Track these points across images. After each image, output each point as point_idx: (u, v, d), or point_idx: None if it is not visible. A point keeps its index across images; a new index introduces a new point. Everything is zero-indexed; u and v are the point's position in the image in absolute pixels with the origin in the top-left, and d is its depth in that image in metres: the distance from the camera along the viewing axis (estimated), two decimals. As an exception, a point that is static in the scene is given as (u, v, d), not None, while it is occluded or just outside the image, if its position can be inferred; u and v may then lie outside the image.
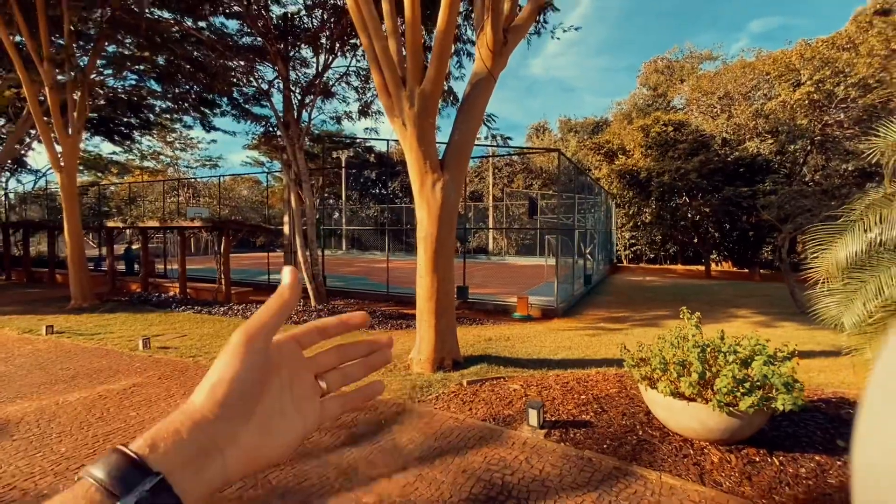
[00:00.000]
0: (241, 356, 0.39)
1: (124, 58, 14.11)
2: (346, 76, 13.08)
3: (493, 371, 5.72)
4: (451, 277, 6.02)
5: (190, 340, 7.61)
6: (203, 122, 17.78)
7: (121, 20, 11.13)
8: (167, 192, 29.11)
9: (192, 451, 0.35)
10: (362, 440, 3.90)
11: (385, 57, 5.33)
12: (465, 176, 6.35)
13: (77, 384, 5.42)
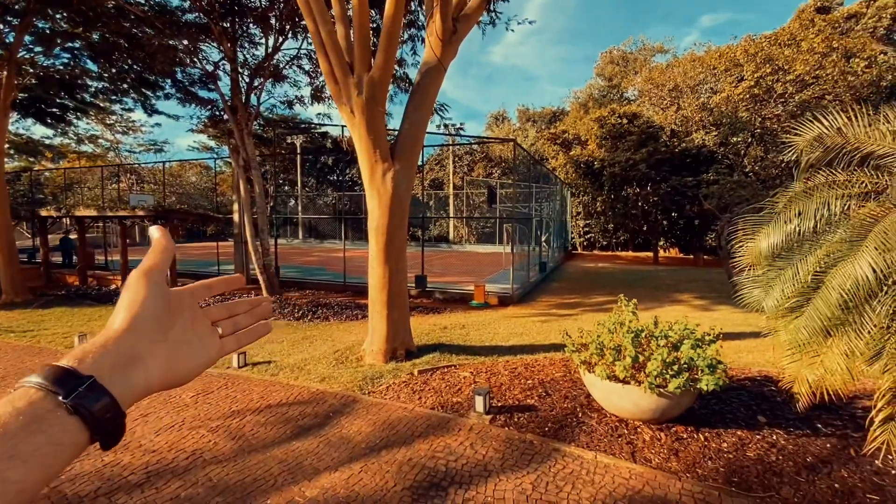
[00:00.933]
0: (144, 286, 0.48)
1: (55, 34, 12.94)
2: (297, 59, 12.62)
3: (445, 359, 5.81)
4: (404, 268, 6.02)
5: (131, 337, 7.25)
6: (144, 104, 16.66)
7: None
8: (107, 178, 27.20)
9: (117, 359, 0.42)
10: (309, 433, 3.88)
11: (331, 42, 5.18)
12: (416, 165, 6.33)
13: (4, 385, 5.05)
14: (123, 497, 3.02)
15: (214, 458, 3.49)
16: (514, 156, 13.43)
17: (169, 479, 3.21)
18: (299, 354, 6.16)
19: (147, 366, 0.44)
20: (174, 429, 3.97)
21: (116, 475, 3.26)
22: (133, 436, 3.84)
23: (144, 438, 3.79)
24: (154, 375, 0.45)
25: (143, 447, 3.65)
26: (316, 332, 7.71)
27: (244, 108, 10.95)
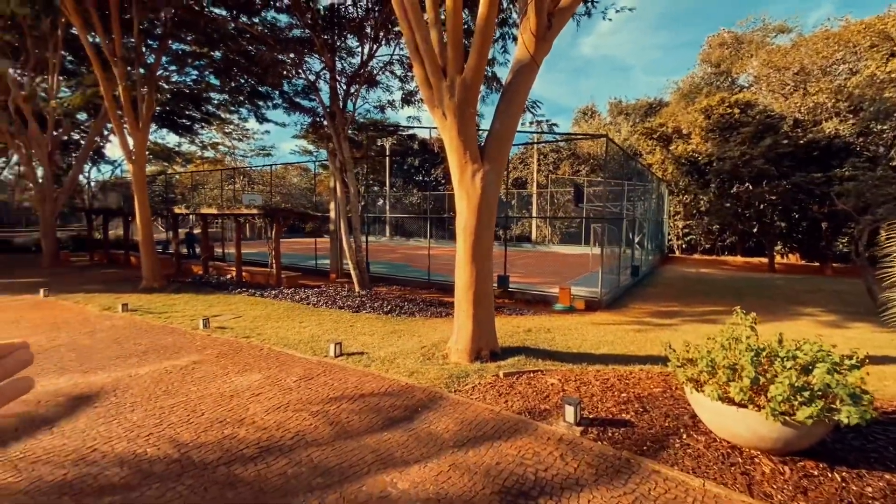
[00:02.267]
0: None
1: (186, 54, 14.96)
2: (389, 65, 13.17)
3: (530, 363, 5.68)
4: (490, 268, 5.99)
5: (244, 321, 8.11)
6: (256, 113, 18.58)
7: (182, 19, 11.77)
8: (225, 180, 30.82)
9: None
10: (399, 426, 4.02)
11: (426, 47, 5.31)
12: (505, 166, 6.26)
13: (147, 359, 5.95)
14: (240, 468, 3.37)
15: (315, 441, 3.76)
16: (606, 152, 12.73)
17: (277, 456, 3.52)
18: (389, 348, 6.43)
19: None
20: (281, 409, 4.35)
21: (234, 447, 3.66)
22: (247, 412, 4.29)
23: (257, 416, 4.20)
24: None
25: (256, 424, 4.05)
26: (403, 326, 7.99)
27: (341, 114, 11.70)
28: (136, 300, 9.98)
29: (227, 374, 5.34)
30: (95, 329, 7.55)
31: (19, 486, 3.11)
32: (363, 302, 9.98)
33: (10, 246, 22.59)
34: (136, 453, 3.56)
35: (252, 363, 5.77)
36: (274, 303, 10.12)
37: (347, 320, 8.45)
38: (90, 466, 3.36)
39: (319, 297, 10.53)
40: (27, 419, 4.16)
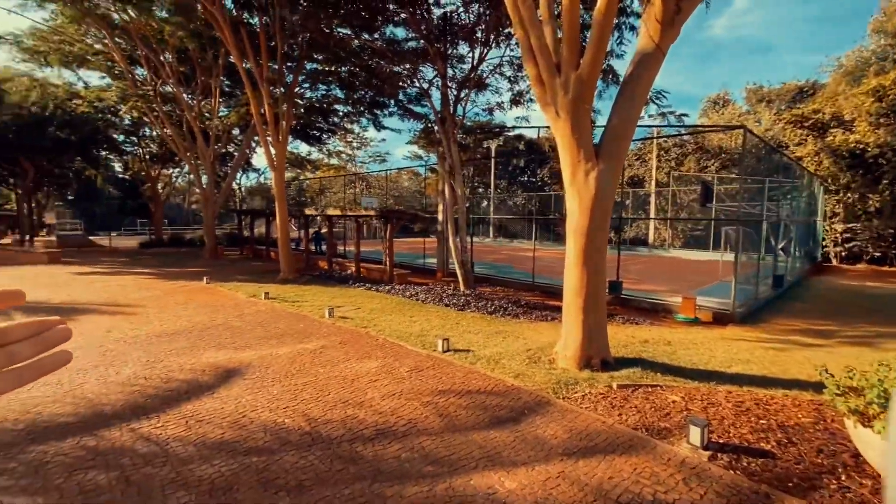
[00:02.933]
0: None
1: (317, 73, 16.78)
2: (499, 67, 13.24)
3: (647, 377, 5.26)
4: (603, 272, 5.69)
5: (362, 313, 8.84)
6: (375, 122, 20.07)
7: (315, 41, 13.23)
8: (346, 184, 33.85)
9: None
10: (505, 426, 4.03)
11: (539, 45, 5.24)
12: (622, 164, 5.90)
13: (284, 341, 6.82)
14: (360, 447, 3.69)
15: (426, 430, 3.95)
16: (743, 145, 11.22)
17: (392, 440, 3.78)
18: (494, 348, 6.48)
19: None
20: (395, 397, 4.66)
21: (355, 427, 4.01)
22: (366, 396, 4.67)
23: (374, 401, 4.56)
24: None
25: (374, 408, 4.40)
26: (507, 328, 7.98)
27: (451, 119, 12.09)
28: (274, 289, 11.48)
29: (349, 360, 5.88)
30: (244, 313, 8.86)
31: (190, 439, 3.80)
32: (468, 301, 10.19)
33: (182, 241, 27.59)
34: (276, 422, 4.11)
35: (370, 351, 6.26)
36: (387, 297, 10.85)
37: (453, 318, 8.71)
38: (241, 430, 3.97)
39: (427, 294, 11.01)
40: (194, 384, 5.05)
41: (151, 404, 4.47)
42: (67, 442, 3.68)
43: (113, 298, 10.14)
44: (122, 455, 3.49)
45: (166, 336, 6.99)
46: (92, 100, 21.30)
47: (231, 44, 12.53)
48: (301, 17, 12.39)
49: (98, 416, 4.17)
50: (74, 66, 19.82)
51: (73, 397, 4.58)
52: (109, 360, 5.75)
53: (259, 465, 3.38)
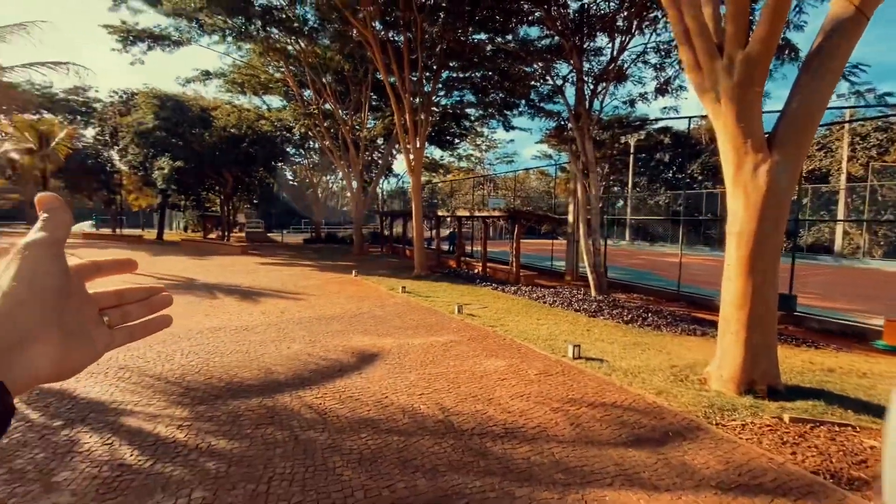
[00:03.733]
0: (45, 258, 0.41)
1: (453, 80, 17.59)
2: (642, 55, 12.21)
3: (833, 413, 4.31)
4: (774, 284, 4.83)
5: (489, 312, 8.99)
6: (504, 123, 20.25)
7: (452, 50, 13.87)
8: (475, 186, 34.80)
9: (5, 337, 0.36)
10: (645, 446, 3.70)
11: (697, 26, 4.67)
12: (804, 156, 4.94)
13: (418, 332, 7.31)
14: (489, 442, 3.75)
15: (556, 437, 3.85)
16: None
17: (521, 441, 3.77)
18: (631, 360, 5.99)
19: (35, 352, 0.38)
20: (523, 398, 4.64)
21: (484, 422, 4.10)
22: (495, 394, 4.74)
23: (502, 400, 4.60)
24: (43, 364, 0.38)
25: (502, 406, 4.44)
26: (647, 339, 7.31)
27: (587, 115, 11.53)
28: (409, 284, 12.37)
29: (478, 356, 6.04)
30: (384, 304, 9.73)
31: (342, 412, 4.30)
32: (600, 307, 9.60)
33: (335, 238, 31.49)
34: (413, 407, 4.42)
35: (497, 350, 6.34)
36: (513, 298, 10.84)
37: (583, 324, 8.30)
38: (383, 409, 4.36)
39: (555, 297, 10.69)
40: (345, 363, 5.72)
41: (312, 377, 5.21)
42: (253, 401, 4.50)
43: (284, 285, 12.07)
44: (292, 417, 4.14)
45: (324, 320, 8.06)
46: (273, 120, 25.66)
47: (379, 61, 13.87)
48: (440, 28, 13.12)
49: (273, 383, 5.02)
50: (261, 92, 24.12)
51: (256, 365, 5.58)
52: (282, 337, 6.86)
53: (399, 444, 3.68)
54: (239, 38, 17.48)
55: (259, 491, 3.02)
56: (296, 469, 3.28)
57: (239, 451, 3.52)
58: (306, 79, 20.79)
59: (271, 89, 23.49)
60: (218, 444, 3.62)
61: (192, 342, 6.49)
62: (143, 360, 5.62)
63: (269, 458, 3.43)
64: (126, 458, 3.39)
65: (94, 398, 4.47)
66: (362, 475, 3.23)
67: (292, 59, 20.01)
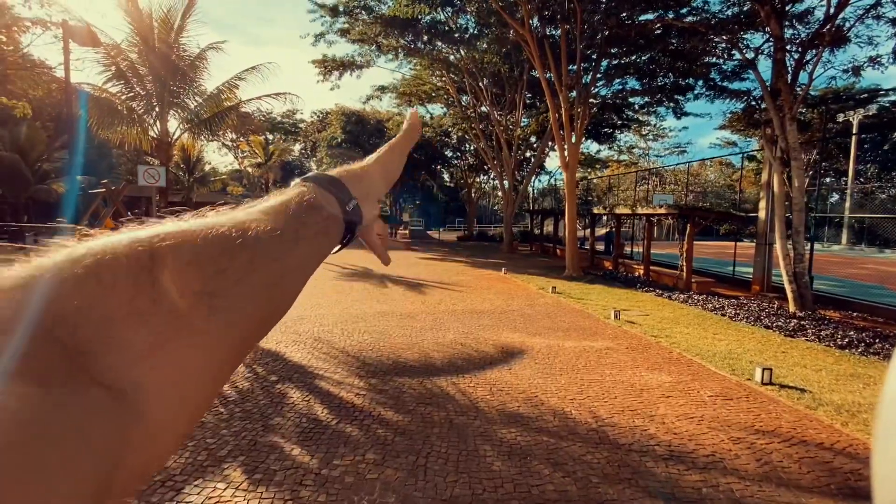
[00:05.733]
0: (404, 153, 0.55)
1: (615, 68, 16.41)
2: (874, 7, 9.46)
3: None
4: None
5: (652, 320, 8.16)
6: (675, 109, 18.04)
7: (615, 35, 12.94)
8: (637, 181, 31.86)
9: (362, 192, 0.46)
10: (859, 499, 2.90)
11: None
12: None
13: (569, 335, 7.07)
14: (650, 462, 3.42)
15: (735, 471, 3.30)
16: None
17: (689, 468, 3.34)
18: (847, 394, 4.75)
19: (365, 211, 0.46)
20: (693, 421, 4.09)
21: (643, 440, 3.75)
22: (657, 411, 4.30)
23: (667, 419, 4.14)
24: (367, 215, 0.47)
25: (666, 426, 4.00)
26: (871, 371, 5.69)
27: (789, 90, 9.48)
28: (560, 285, 12.03)
29: (637, 368, 5.55)
30: (534, 303, 9.67)
31: (493, 403, 4.43)
32: (802, 325, 7.83)
33: (486, 236, 32.49)
34: (563, 410, 4.31)
35: (660, 364, 5.72)
36: (682, 307, 9.62)
37: (776, 344, 6.89)
38: (532, 408, 4.35)
39: (737, 309, 9.11)
40: (495, 357, 5.86)
41: (465, 366, 5.50)
42: (415, 380, 4.97)
43: (440, 278, 12.98)
44: (447, 401, 4.44)
45: (475, 313, 8.42)
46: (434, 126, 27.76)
47: (535, 58, 13.77)
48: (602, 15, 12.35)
49: (431, 367, 5.45)
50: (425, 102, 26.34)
51: (417, 349, 6.14)
52: (438, 326, 7.41)
53: (549, 444, 3.63)
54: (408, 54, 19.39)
55: (419, 464, 3.33)
56: (450, 451, 3.52)
57: (403, 424, 3.94)
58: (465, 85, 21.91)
59: (434, 98, 25.44)
60: (386, 415, 4.12)
61: (367, 323, 7.49)
62: (331, 335, 6.71)
63: (427, 435, 3.76)
64: (318, 414, 4.11)
65: (297, 362, 5.53)
66: (512, 469, 3.29)
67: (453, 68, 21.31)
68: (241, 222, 0.32)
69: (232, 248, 0.30)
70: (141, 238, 0.27)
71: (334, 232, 0.42)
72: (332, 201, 0.42)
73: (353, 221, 0.44)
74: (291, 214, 0.37)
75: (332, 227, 0.41)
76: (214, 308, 0.27)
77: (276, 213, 0.36)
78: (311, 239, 0.38)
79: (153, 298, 0.25)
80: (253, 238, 0.32)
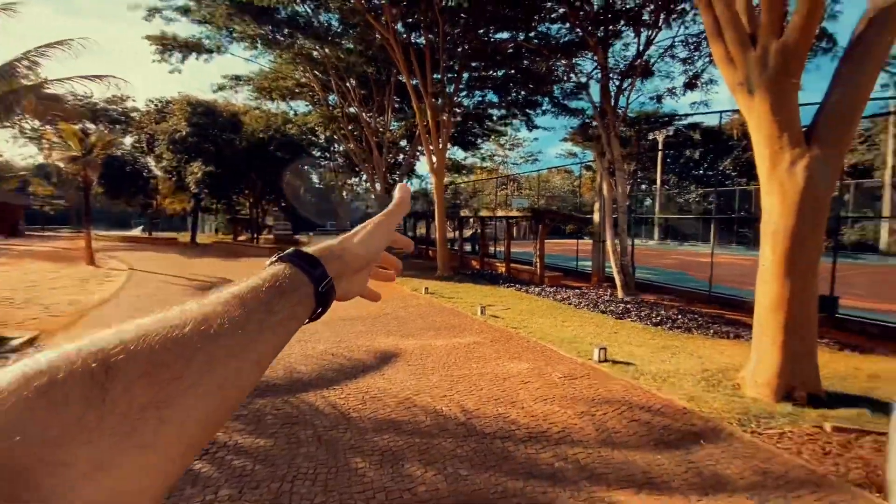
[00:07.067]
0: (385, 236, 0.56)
1: (475, 80, 17.54)
2: (669, 49, 11.86)
3: (879, 423, 4.05)
4: (814, 286, 4.59)
5: (512, 313, 8.90)
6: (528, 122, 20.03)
7: (474, 49, 13.83)
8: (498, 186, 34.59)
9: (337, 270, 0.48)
10: (674, 452, 3.57)
11: (729, 15, 4.48)
12: (846, 150, 4.68)
13: (440, 334, 7.30)
14: (511, 446, 3.70)
15: (581, 441, 3.76)
16: None
17: (545, 445, 3.70)
18: (660, 364, 5.81)
19: (339, 285, 0.49)
20: (547, 401, 4.56)
21: (507, 426, 4.04)
22: (518, 397, 4.68)
23: (525, 403, 4.53)
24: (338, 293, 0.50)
25: (525, 410, 4.37)
26: (677, 342, 7.07)
27: (612, 111, 11.28)
28: (433, 285, 12.38)
29: (500, 359, 5.98)
30: (408, 305, 9.77)
31: (365, 412, 4.33)
32: (627, 309, 9.36)
33: (360, 239, 31.87)
34: (435, 409, 4.41)
35: (520, 353, 6.26)
36: (537, 299, 10.70)
37: (610, 326, 8.11)
38: (406, 410, 4.36)
39: (580, 298, 10.50)
40: (368, 364, 5.76)
41: (336, 377, 5.27)
42: (279, 399, 4.58)
43: (309, 286, 12.28)
44: (316, 417, 4.19)
45: (349, 320, 8.15)
46: (300, 124, 26.22)
47: (401, 63, 13.96)
48: (461, 29, 13.09)
49: (299, 382, 5.10)
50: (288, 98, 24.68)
51: (283, 365, 5.68)
52: (307, 337, 6.96)
53: (421, 445, 3.67)
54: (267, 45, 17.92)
55: (283, 490, 3.06)
56: (318, 470, 3.31)
57: (264, 450, 3.58)
58: (331, 83, 21.14)
59: (298, 94, 24.01)
60: (244, 442, 3.70)
61: (221, 342, 6.66)
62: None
63: (292, 457, 3.48)
64: (158, 454, 3.50)
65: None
66: (384, 477, 3.23)
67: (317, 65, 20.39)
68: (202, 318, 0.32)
69: (190, 351, 0.30)
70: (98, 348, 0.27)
71: (302, 313, 0.43)
72: (305, 282, 0.43)
73: (326, 300, 0.46)
74: (260, 301, 0.37)
75: (300, 309, 0.42)
76: (164, 420, 0.27)
77: (244, 301, 0.36)
78: (277, 326, 0.38)
79: (101, 415, 0.24)
80: (213, 336, 0.32)
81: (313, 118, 25.55)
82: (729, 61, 4.63)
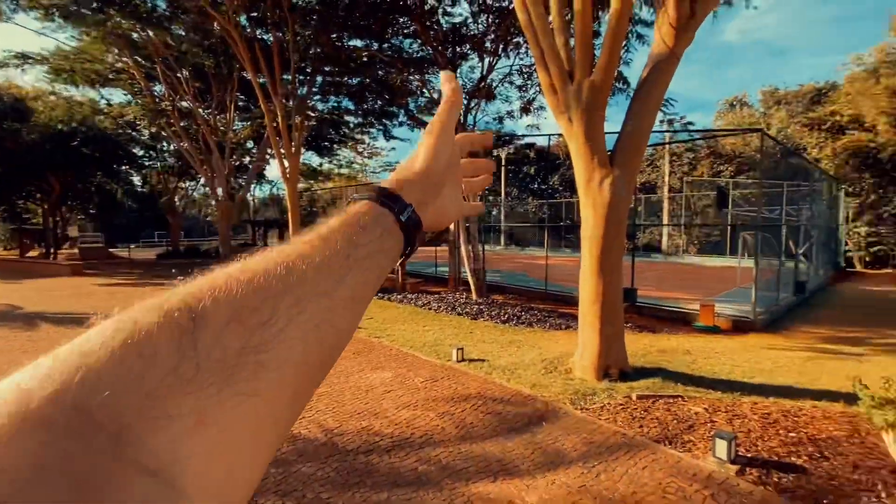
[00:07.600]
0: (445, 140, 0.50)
1: (329, 84, 17.05)
2: (508, 76, 13.29)
3: (668, 388, 5.13)
4: (619, 281, 5.60)
5: (375, 322, 8.83)
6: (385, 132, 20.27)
7: (327, 54, 13.45)
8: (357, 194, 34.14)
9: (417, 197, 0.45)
10: (523, 436, 3.95)
11: (551, 53, 5.23)
12: (637, 171, 5.83)
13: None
14: (376, 458, 3.64)
15: (442, 441, 3.89)
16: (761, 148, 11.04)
17: (409, 452, 3.73)
18: (509, 357, 6.40)
19: (428, 209, 0.47)
20: (410, 407, 4.61)
21: (370, 439, 3.97)
22: (381, 407, 4.63)
23: (389, 412, 4.51)
24: (429, 220, 0.48)
25: (389, 418, 4.35)
26: (521, 337, 7.89)
27: (462, 129, 12.13)
28: (288, 299, 11.54)
29: (363, 371, 5.85)
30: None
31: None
32: (481, 309, 10.12)
33: (198, 251, 28.00)
34: (293, 434, 4.08)
35: (383, 362, 6.23)
36: (399, 306, 10.83)
37: (467, 327, 8.65)
38: (259, 439, 3.95)
39: (440, 303, 10.97)
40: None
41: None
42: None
43: (131, 309, 10.29)
44: (140, 467, 3.49)
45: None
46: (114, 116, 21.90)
47: (246, 59, 12.81)
48: (313, 31, 12.62)
49: (117, 427, 4.19)
50: (98, 85, 20.43)
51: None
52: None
53: (277, 476, 3.35)
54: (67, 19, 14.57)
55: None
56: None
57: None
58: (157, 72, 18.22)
59: (112, 81, 20.07)
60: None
61: None
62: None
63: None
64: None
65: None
66: (231, 520, 2.85)
67: (138, 49, 17.37)
68: (283, 261, 0.31)
69: (275, 294, 0.29)
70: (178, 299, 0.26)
71: (391, 246, 0.41)
72: (386, 215, 0.41)
73: (412, 230, 0.43)
74: (343, 235, 0.36)
75: (387, 242, 0.40)
76: (262, 364, 0.26)
77: (325, 239, 0.35)
78: (364, 259, 0.36)
79: (196, 364, 0.24)
80: (298, 277, 0.31)
81: (134, 110, 21.63)
82: (553, 91, 5.40)
